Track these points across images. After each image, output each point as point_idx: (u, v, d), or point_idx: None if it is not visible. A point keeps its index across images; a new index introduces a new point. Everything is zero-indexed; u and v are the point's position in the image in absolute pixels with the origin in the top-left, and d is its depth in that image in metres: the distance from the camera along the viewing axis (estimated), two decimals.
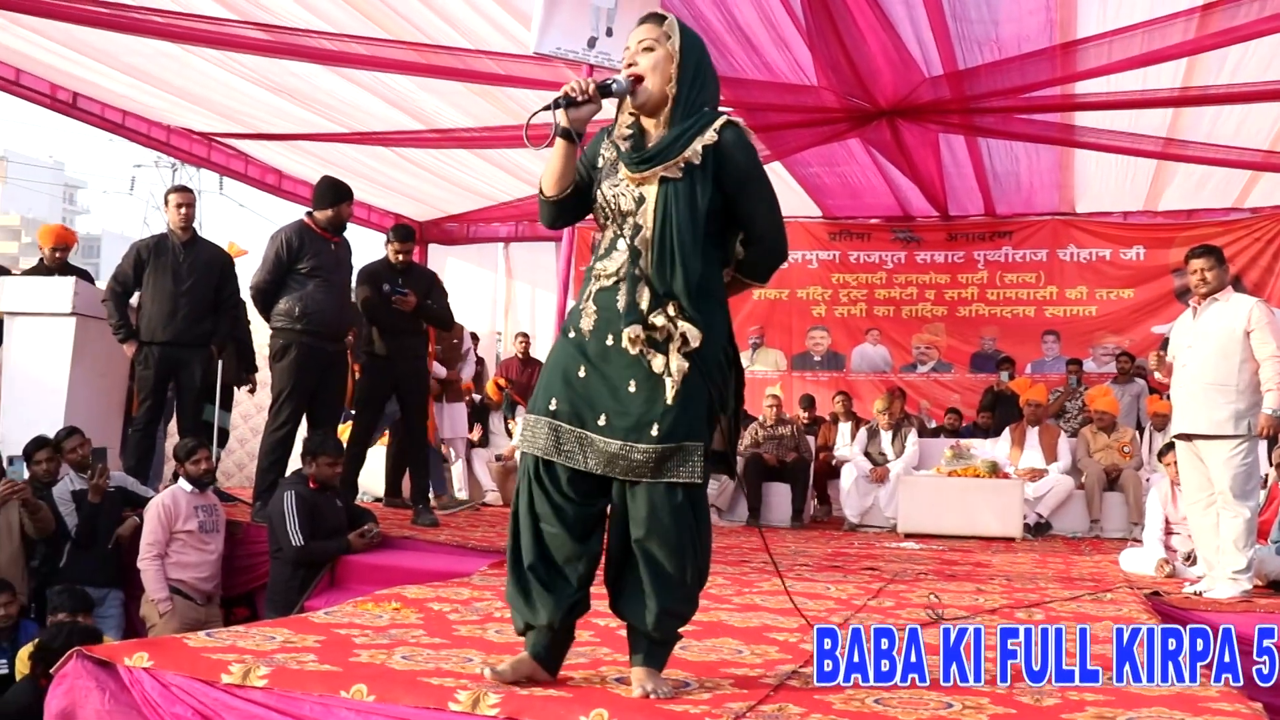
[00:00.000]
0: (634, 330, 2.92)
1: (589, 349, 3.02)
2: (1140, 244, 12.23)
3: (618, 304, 2.98)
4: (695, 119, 3.02)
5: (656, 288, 2.94)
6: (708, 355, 2.97)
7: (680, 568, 2.96)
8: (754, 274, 3.19)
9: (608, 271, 3.03)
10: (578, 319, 3.07)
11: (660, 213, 2.97)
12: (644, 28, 3.07)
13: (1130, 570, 6.82)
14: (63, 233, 8.84)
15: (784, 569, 6.25)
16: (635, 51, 3.05)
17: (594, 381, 2.99)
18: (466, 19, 7.58)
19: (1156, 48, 6.93)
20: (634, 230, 3.00)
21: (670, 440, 2.91)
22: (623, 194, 3.02)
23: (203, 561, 6.54)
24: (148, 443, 7.63)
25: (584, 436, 2.98)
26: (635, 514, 2.95)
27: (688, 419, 2.93)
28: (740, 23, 7.42)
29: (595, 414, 2.97)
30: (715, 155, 3.00)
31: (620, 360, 2.97)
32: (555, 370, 3.07)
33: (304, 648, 3.52)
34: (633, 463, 2.93)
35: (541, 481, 3.02)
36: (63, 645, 4.87)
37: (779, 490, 10.04)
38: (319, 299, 7.10)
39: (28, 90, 9.10)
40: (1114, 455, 9.65)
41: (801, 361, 13.19)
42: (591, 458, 2.97)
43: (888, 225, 12.91)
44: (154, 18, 7.37)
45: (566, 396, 3.01)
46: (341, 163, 10.92)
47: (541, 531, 3.03)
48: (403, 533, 7.03)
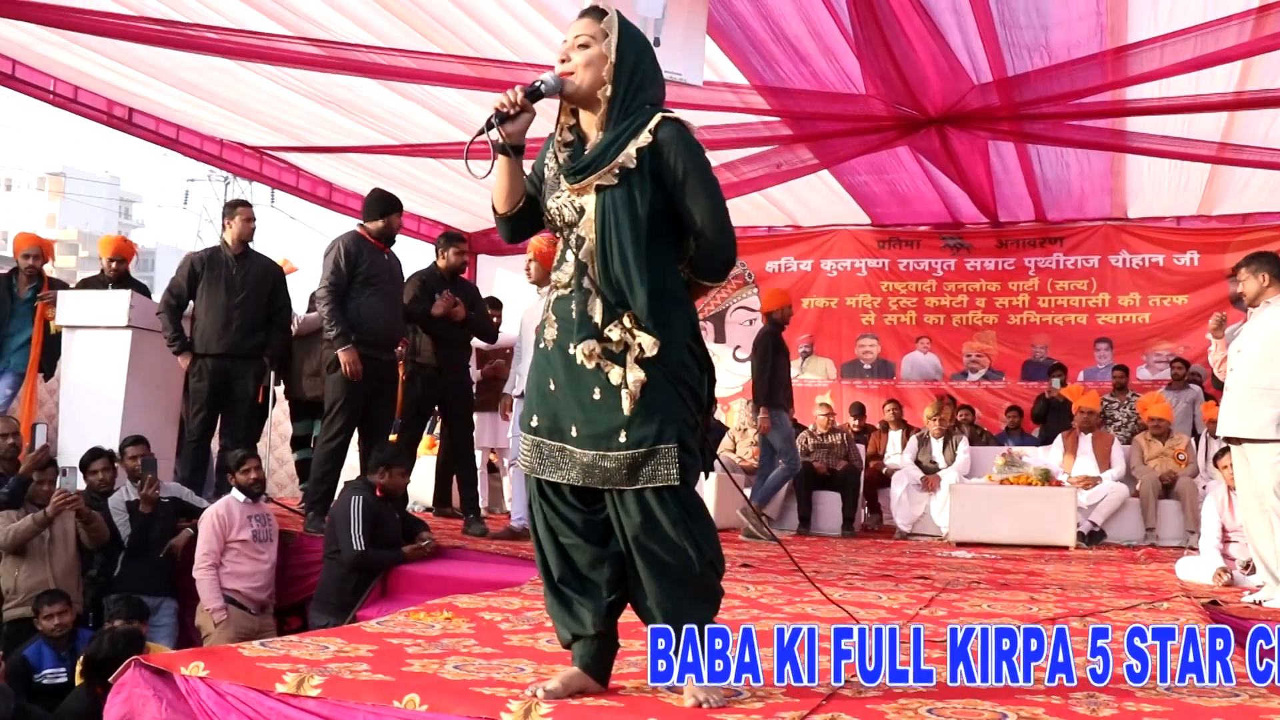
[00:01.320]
0: (587, 346, 2.90)
1: (554, 360, 3.00)
2: (1194, 249, 12.08)
3: (572, 313, 2.96)
4: (630, 120, 2.94)
5: (608, 298, 2.91)
6: (670, 357, 2.91)
7: (683, 568, 2.94)
8: (704, 272, 3.07)
9: (561, 282, 3.01)
10: (543, 329, 3.05)
11: (600, 223, 2.92)
12: (582, 22, 3.00)
13: (1187, 579, 6.73)
14: (122, 244, 8.97)
15: (835, 578, 6.22)
16: (570, 46, 2.98)
17: (562, 393, 2.98)
18: (512, 32, 7.63)
19: (1210, 51, 6.84)
20: (578, 242, 2.97)
21: (639, 446, 2.88)
22: (565, 205, 2.99)
23: (256, 571, 6.61)
24: (201, 453, 7.72)
25: (563, 449, 2.97)
26: (626, 521, 2.93)
27: (655, 423, 2.88)
28: (788, 34, 7.41)
29: (568, 425, 2.97)
30: (651, 155, 2.92)
31: (583, 369, 2.94)
32: (531, 385, 3.08)
33: (357, 657, 3.55)
34: (607, 471, 2.91)
35: (547, 497, 3.04)
36: (106, 654, 4.96)
37: (829, 499, 10.00)
38: (373, 309, 7.15)
39: (85, 107, 9.27)
40: (1169, 462, 9.53)
41: (851, 370, 13.14)
42: (572, 469, 2.96)
43: (937, 233, 12.83)
44: (207, 34, 7.48)
45: (544, 412, 3.01)
46: (391, 174, 11.01)
47: (561, 545, 3.04)
48: (453, 542, 7.07)
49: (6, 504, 6.61)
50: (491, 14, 7.44)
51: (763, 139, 9.08)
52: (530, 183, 3.11)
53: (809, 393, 12.59)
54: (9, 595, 6.41)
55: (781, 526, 9.99)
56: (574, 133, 3.05)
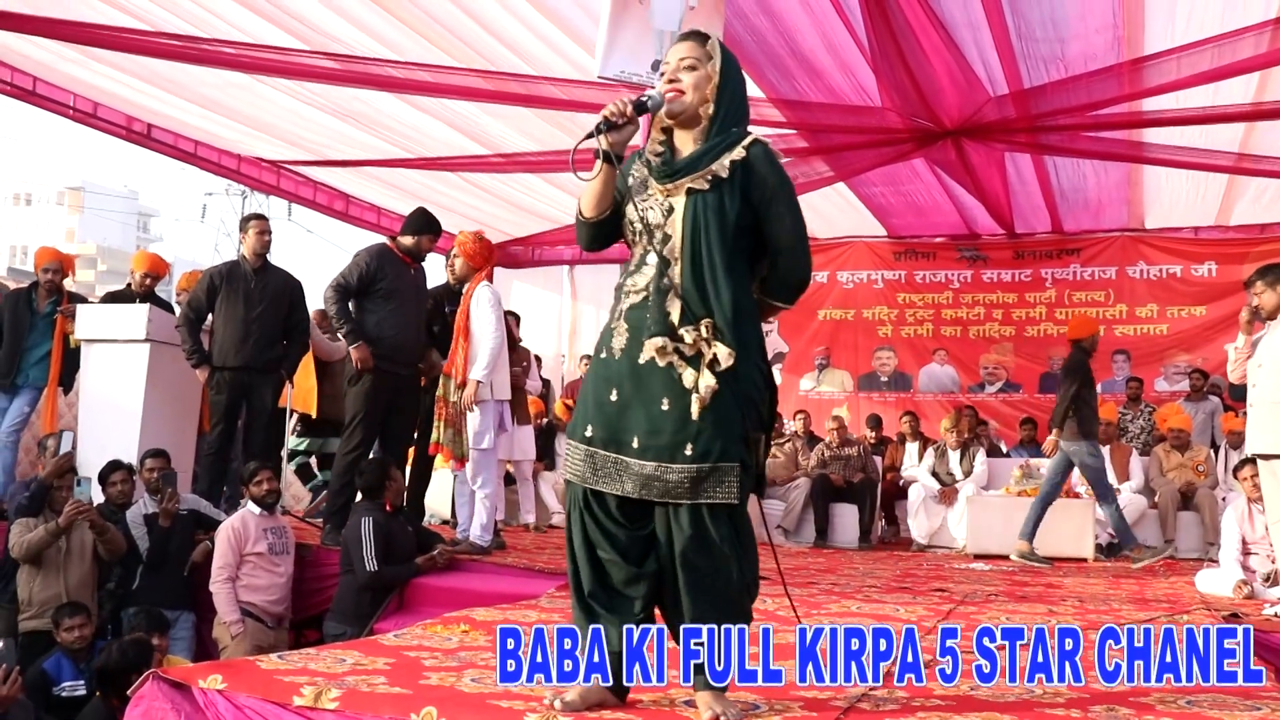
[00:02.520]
0: (659, 340, 2.92)
1: (620, 369, 3.00)
2: (1212, 260, 12.02)
3: (646, 319, 2.98)
4: (724, 137, 3.04)
5: (688, 300, 2.95)
6: (743, 373, 2.95)
7: (725, 586, 2.95)
8: (780, 291, 3.15)
9: (637, 287, 3.02)
10: (609, 339, 3.05)
11: (690, 222, 2.98)
12: (686, 45, 3.08)
13: (1207, 591, 6.69)
14: (156, 261, 9.02)
15: (852, 590, 6.21)
16: (676, 68, 3.05)
17: (626, 403, 2.98)
18: (530, 45, 7.66)
19: (1227, 62, 6.83)
20: (663, 240, 3.00)
21: (705, 461, 2.90)
22: (651, 207, 3.03)
23: (272, 584, 6.61)
24: (220, 466, 7.74)
25: (619, 461, 2.97)
26: (677, 534, 2.94)
27: (722, 439, 2.91)
28: (803, 48, 7.43)
29: (629, 436, 2.96)
30: (743, 170, 3.01)
31: (652, 378, 2.95)
32: (588, 395, 3.08)
33: (374, 670, 3.55)
34: (668, 484, 2.92)
35: (591, 509, 3.03)
36: (116, 664, 4.98)
37: (846, 511, 9.98)
38: (395, 323, 7.16)
39: (104, 122, 9.34)
40: (1188, 474, 9.49)
41: (868, 382, 13.12)
42: (628, 481, 2.96)
43: (953, 244, 12.81)
44: (225, 49, 7.53)
45: (600, 421, 3.01)
46: (408, 188, 11.06)
47: (598, 558, 3.04)
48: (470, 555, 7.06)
49: (26, 511, 6.64)
50: (508, 28, 7.47)
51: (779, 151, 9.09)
52: (615, 192, 3.13)
53: (825, 405, 12.58)
54: (24, 607, 6.43)
55: (799, 539, 9.98)
56: (665, 145, 3.09)
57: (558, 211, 11.99)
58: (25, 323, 8.30)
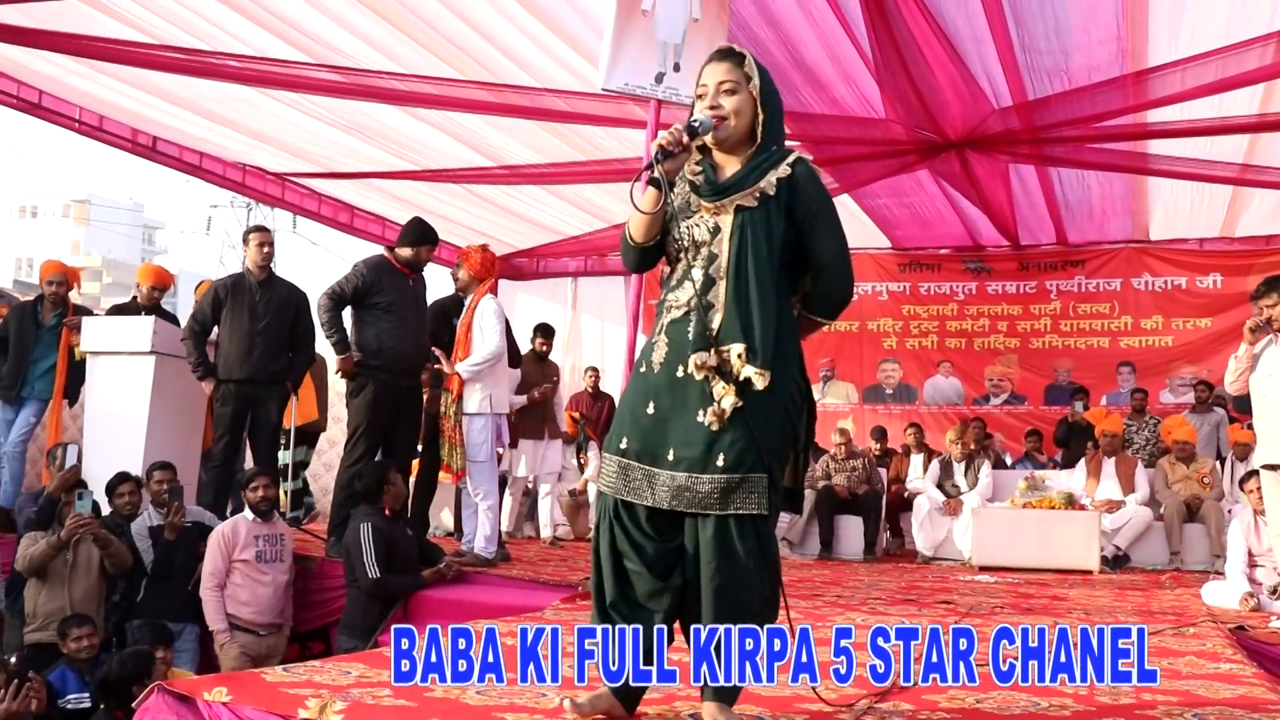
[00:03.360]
0: (700, 357, 2.93)
1: (659, 383, 3.02)
2: (1217, 271, 12.02)
3: (688, 334, 2.99)
4: (767, 154, 3.05)
5: (730, 317, 2.96)
6: (780, 387, 2.96)
7: (748, 599, 2.95)
8: (822, 307, 3.16)
9: (679, 302, 3.04)
10: (650, 353, 3.07)
11: (737, 240, 2.99)
12: (724, 67, 3.05)
13: (1213, 604, 6.67)
14: (162, 273, 9.04)
15: (857, 603, 6.20)
16: (716, 93, 3.03)
17: (664, 416, 2.99)
18: (534, 58, 7.68)
19: (1231, 74, 6.84)
20: (709, 259, 3.01)
21: (735, 471, 2.91)
22: (696, 225, 3.04)
23: (255, 597, 6.57)
24: (225, 479, 7.74)
25: (651, 473, 2.98)
26: (704, 546, 2.94)
27: (754, 450, 2.92)
28: (807, 59, 7.45)
29: (665, 449, 2.97)
30: (789, 187, 3.03)
31: (690, 391, 2.96)
32: (625, 408, 3.10)
33: (380, 682, 3.54)
34: (698, 494, 2.93)
35: (621, 520, 3.04)
36: (117, 675, 4.98)
37: (851, 523, 9.96)
38: (395, 334, 7.18)
39: (110, 135, 9.38)
40: (1194, 486, 9.47)
41: (873, 394, 13.11)
42: (660, 491, 2.97)
43: (958, 256, 12.81)
44: (230, 62, 7.56)
45: (636, 435, 3.02)
46: (413, 200, 11.08)
47: (624, 569, 3.04)
48: (475, 567, 7.06)
49: (35, 525, 6.65)
50: (511, 40, 7.49)
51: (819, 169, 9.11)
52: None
53: (830, 417, 12.55)
54: (30, 619, 6.44)
55: (803, 551, 9.97)
56: (704, 165, 3.09)
57: (561, 223, 12.01)
58: (31, 335, 8.33)
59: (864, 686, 3.49)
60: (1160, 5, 6.72)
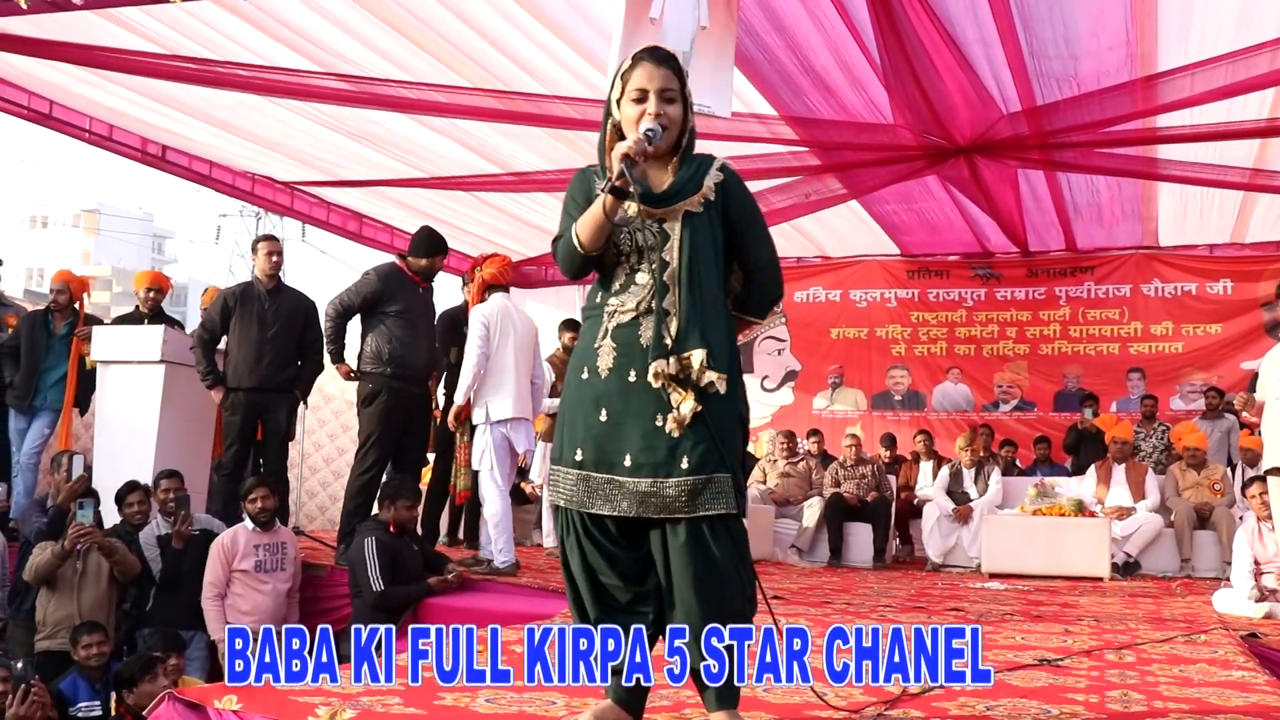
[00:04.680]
0: (660, 365, 2.90)
1: (607, 388, 2.97)
2: (1227, 277, 11.97)
3: (640, 339, 2.95)
4: (697, 160, 3.05)
5: (686, 322, 2.93)
6: (735, 390, 2.97)
7: (731, 598, 2.92)
8: (758, 308, 3.19)
9: (626, 306, 2.98)
10: (593, 358, 3.00)
11: (688, 246, 2.97)
12: (663, 74, 3.00)
13: (1225, 611, 6.65)
14: (157, 276, 9.08)
15: (867, 610, 6.19)
16: (660, 99, 2.99)
17: (617, 421, 2.95)
18: (542, 65, 7.68)
19: (1241, 78, 6.82)
20: (660, 266, 2.97)
21: (700, 472, 2.88)
22: (638, 230, 2.99)
23: (256, 607, 6.59)
24: (234, 487, 7.76)
25: (613, 481, 2.94)
26: (677, 551, 2.91)
27: (716, 452, 2.90)
28: (816, 66, 7.43)
29: (621, 456, 2.93)
30: (723, 192, 3.04)
31: (645, 396, 2.93)
32: (574, 417, 3.02)
33: (389, 690, 3.54)
34: (665, 499, 2.89)
35: (590, 533, 2.99)
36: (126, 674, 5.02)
37: (860, 530, 9.96)
38: (408, 342, 7.20)
39: (120, 145, 9.41)
40: (1204, 493, 9.44)
41: (882, 401, 13.08)
42: (624, 500, 2.92)
43: (967, 262, 12.78)
44: (239, 71, 7.57)
45: (590, 443, 2.97)
46: (421, 207, 11.09)
47: (600, 584, 3.00)
48: (483, 575, 7.06)
49: (46, 535, 6.67)
50: (520, 47, 7.49)
51: (791, 169, 9.10)
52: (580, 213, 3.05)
53: (839, 424, 12.54)
54: (40, 627, 6.46)
55: (813, 558, 9.95)
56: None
57: None
58: (42, 345, 8.37)
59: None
60: (1169, 9, 6.70)
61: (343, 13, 7.07)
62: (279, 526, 6.95)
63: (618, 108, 3.03)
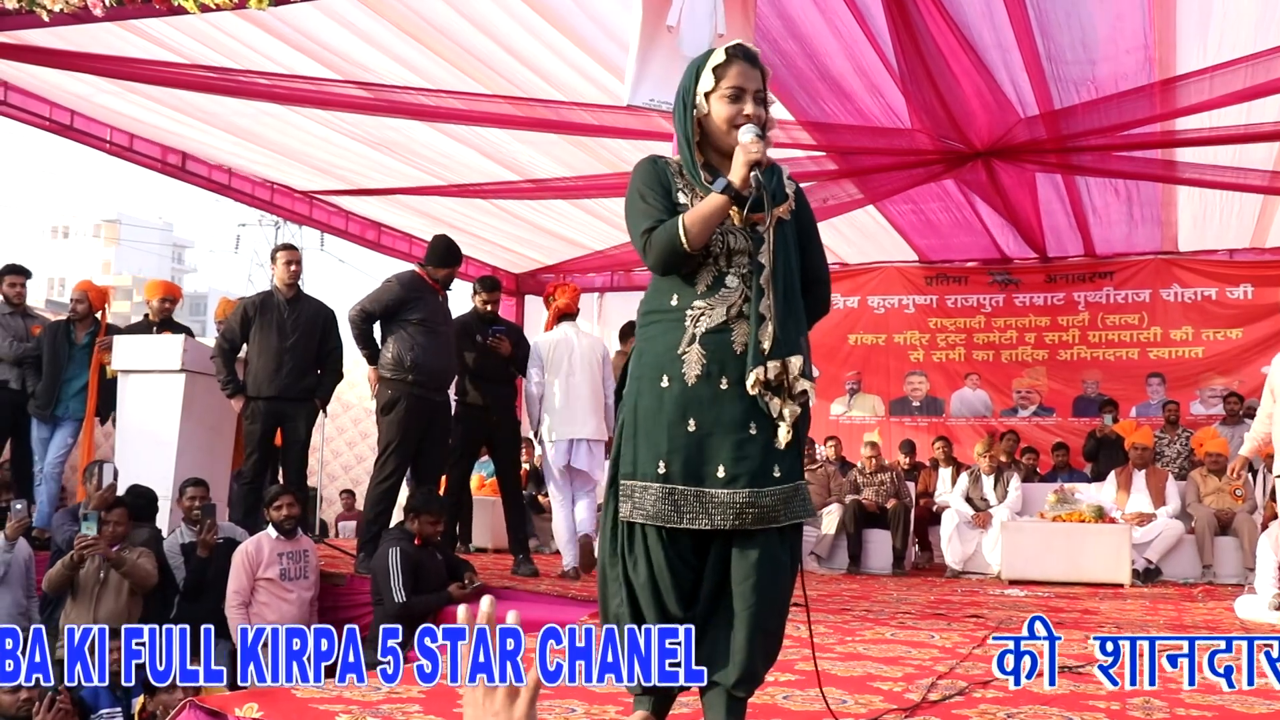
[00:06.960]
0: (759, 371, 2.83)
1: (696, 396, 2.86)
2: (1248, 282, 11.89)
3: (733, 345, 2.87)
4: (773, 167, 2.94)
5: (779, 327, 2.84)
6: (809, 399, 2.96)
7: (784, 600, 2.90)
8: (814, 319, 3.11)
9: (715, 311, 2.89)
10: (676, 366, 2.88)
11: (782, 251, 2.91)
12: (758, 75, 2.96)
13: (1247, 617, 6.61)
14: (168, 286, 9.13)
15: (886, 617, 6.17)
16: (754, 97, 2.93)
17: (707, 431, 2.85)
18: (559, 72, 7.70)
19: (1260, 81, 6.79)
20: (755, 269, 2.89)
21: (790, 480, 2.88)
22: (730, 231, 2.91)
23: (282, 615, 6.60)
24: (254, 496, 7.78)
25: (703, 493, 2.84)
26: (752, 559, 2.84)
27: (799, 458, 2.92)
28: (832, 71, 7.43)
29: (713, 466, 2.84)
30: (797, 201, 3.03)
31: (737, 404, 2.86)
32: (652, 428, 2.90)
33: (409, 698, 3.55)
34: (763, 509, 2.82)
35: (667, 552, 2.87)
36: None
37: (879, 537, 9.93)
38: (428, 349, 7.22)
39: (140, 155, 9.46)
40: (1226, 499, 9.39)
41: (900, 407, 13.05)
42: (718, 513, 2.82)
43: (985, 268, 12.74)
44: (258, 80, 7.61)
45: (678, 455, 2.86)
46: (439, 215, 11.12)
47: (660, 598, 2.88)
48: (503, 582, 7.07)
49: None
50: (537, 55, 7.51)
51: (808, 174, 9.10)
52: (667, 211, 2.96)
53: (857, 430, 12.50)
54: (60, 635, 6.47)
55: (831, 565, 9.93)
56: (710, 171, 2.98)
57: (588, 238, 12.03)
58: (64, 354, 8.42)
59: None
60: (1188, 12, 6.68)
61: (362, 21, 7.11)
62: (300, 534, 6.97)
63: (706, 101, 2.95)
